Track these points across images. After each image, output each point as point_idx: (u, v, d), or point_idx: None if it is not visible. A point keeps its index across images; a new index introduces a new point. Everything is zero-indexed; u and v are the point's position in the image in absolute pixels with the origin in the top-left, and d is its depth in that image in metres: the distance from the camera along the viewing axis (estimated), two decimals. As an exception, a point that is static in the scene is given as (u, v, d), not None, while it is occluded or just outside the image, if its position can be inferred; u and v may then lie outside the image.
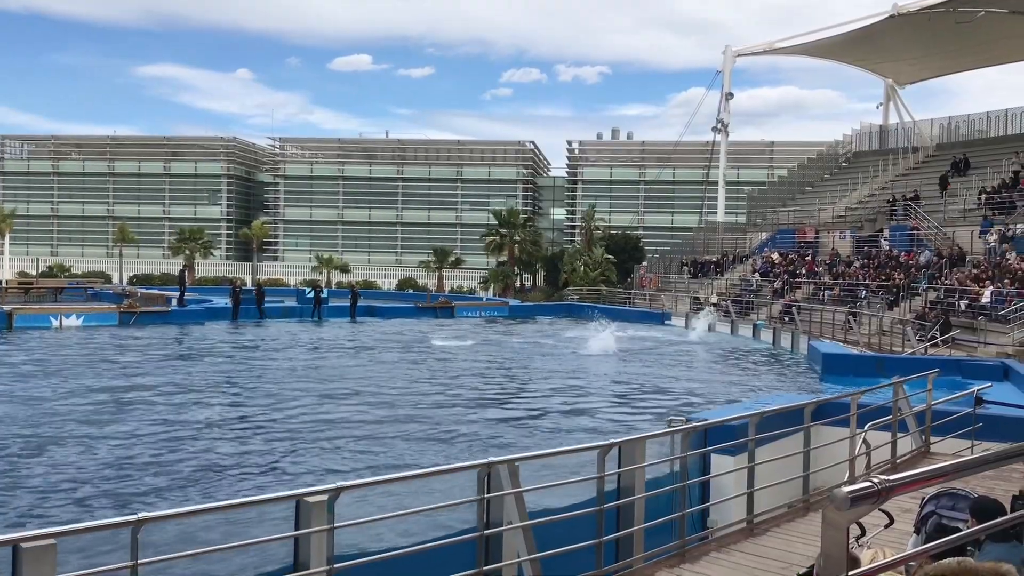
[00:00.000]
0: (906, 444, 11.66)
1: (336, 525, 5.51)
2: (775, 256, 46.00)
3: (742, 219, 58.84)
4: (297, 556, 5.71)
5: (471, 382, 22.64)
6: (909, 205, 40.81)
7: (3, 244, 63.91)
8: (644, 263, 58.98)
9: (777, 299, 40.32)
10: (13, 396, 18.53)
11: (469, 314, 47.88)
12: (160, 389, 19.90)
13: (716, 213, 59.62)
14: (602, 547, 6.99)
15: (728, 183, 60.91)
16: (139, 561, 4.66)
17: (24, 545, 4.54)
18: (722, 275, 48.48)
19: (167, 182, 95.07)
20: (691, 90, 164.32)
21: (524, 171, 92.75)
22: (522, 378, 23.93)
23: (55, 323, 34.50)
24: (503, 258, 69.27)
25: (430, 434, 15.53)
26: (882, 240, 40.83)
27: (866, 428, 10.28)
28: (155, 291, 48.37)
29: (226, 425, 15.92)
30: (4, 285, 51.03)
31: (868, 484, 2.12)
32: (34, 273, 64.72)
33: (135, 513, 4.72)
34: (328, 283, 65.29)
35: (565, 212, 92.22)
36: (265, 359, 26.66)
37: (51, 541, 4.62)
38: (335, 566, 5.49)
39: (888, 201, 43.50)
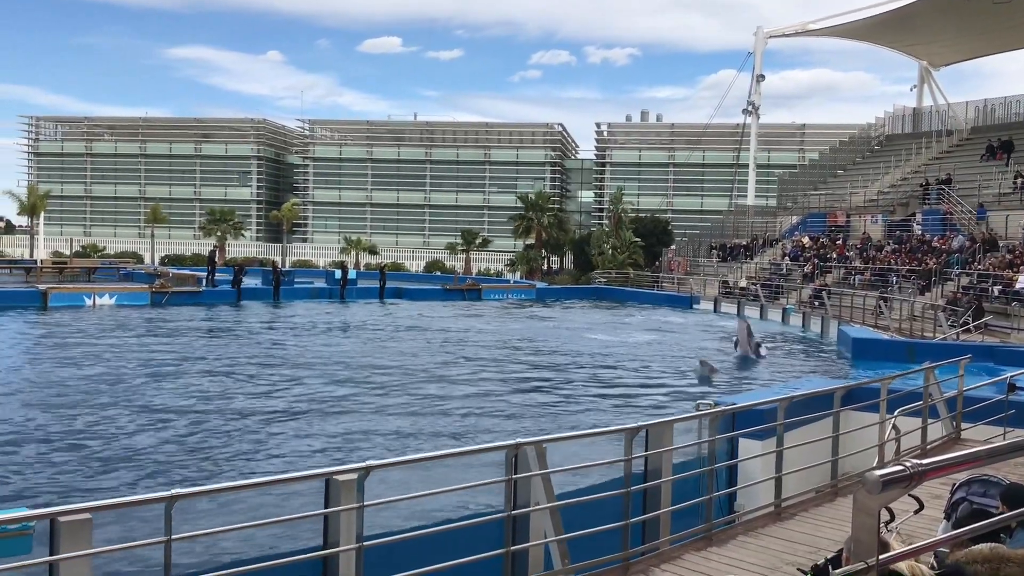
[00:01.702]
0: (936, 430, 11.55)
1: (366, 504, 5.57)
2: (805, 240, 45.59)
3: (772, 202, 58.33)
4: (327, 534, 5.77)
5: (499, 363, 22.69)
6: (942, 189, 40.25)
7: (38, 224, 64.72)
8: (673, 246, 58.66)
9: (807, 283, 39.99)
10: (49, 373, 18.85)
11: (496, 297, 47.96)
12: (190, 368, 20.14)
13: (746, 196, 59.12)
14: (628, 529, 7.00)
15: (758, 166, 60.36)
16: (172, 537, 4.74)
17: (62, 519, 4.64)
18: (751, 259, 48.14)
19: (198, 163, 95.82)
20: (721, 72, 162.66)
21: (552, 153, 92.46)
22: (550, 359, 23.94)
23: (88, 302, 34.96)
24: (531, 241, 69.18)
25: (459, 415, 15.61)
26: (914, 224, 40.33)
27: (896, 414, 10.19)
28: (186, 271, 48.82)
29: (257, 403, 16.09)
30: (39, 265, 51.73)
31: (900, 468, 2.11)
32: (68, 253, 65.54)
33: (168, 489, 4.80)
34: (357, 265, 65.56)
35: (593, 195, 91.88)
36: (295, 339, 26.88)
37: (87, 516, 4.71)
38: (364, 544, 5.55)
39: (921, 185, 42.93)
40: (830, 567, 5.81)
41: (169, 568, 4.75)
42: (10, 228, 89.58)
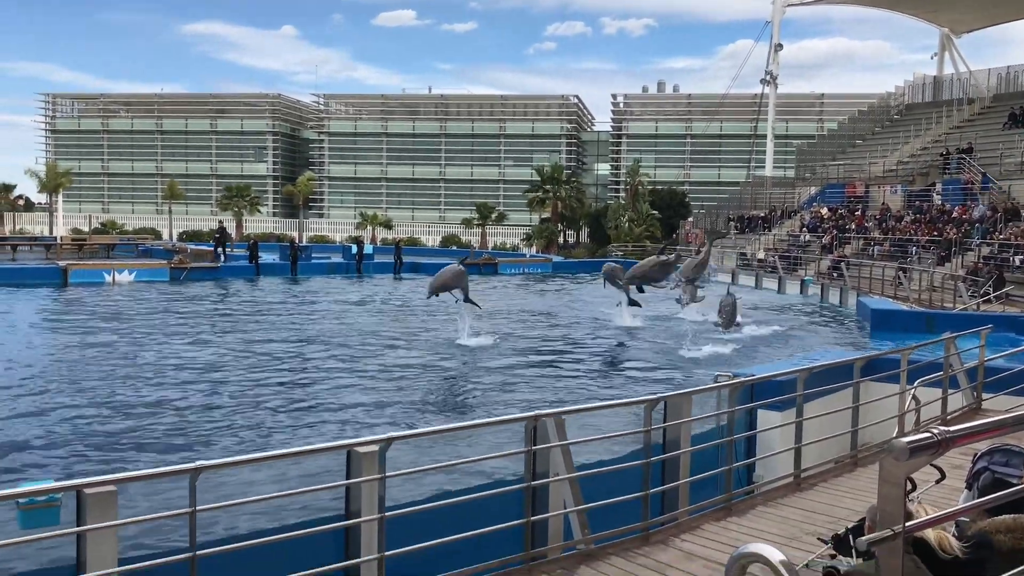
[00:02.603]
0: (957, 401, 11.51)
1: (388, 475, 5.61)
2: (824, 211, 45.27)
3: (790, 173, 57.90)
4: (348, 505, 5.83)
5: (516, 337, 22.72)
6: (963, 158, 39.79)
7: (57, 201, 65.16)
8: (690, 219, 58.41)
9: (825, 255, 39.74)
10: (72, 348, 19.03)
11: (513, 271, 47.96)
12: (211, 343, 20.28)
13: (764, 167, 58.70)
14: (648, 500, 7.03)
15: (776, 136, 59.84)
16: (197, 508, 4.80)
17: (87, 491, 4.70)
18: (769, 230, 47.86)
19: (214, 139, 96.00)
20: (739, 42, 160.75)
21: (568, 126, 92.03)
22: (567, 332, 23.94)
23: (108, 279, 35.21)
24: (546, 214, 69.02)
25: (477, 388, 15.68)
26: (934, 194, 39.94)
27: (916, 384, 10.15)
28: (204, 247, 49.03)
29: (279, 377, 16.20)
30: (59, 242, 52.14)
31: (928, 435, 2.10)
32: (87, 230, 65.97)
33: (192, 462, 4.85)
34: (373, 239, 65.65)
35: (610, 167, 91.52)
36: (314, 315, 27.01)
37: (112, 488, 4.77)
38: (386, 515, 5.60)
39: (941, 154, 42.45)
40: (851, 537, 5.83)
41: (194, 539, 4.81)
42: (29, 205, 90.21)
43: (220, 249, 42.47)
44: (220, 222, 49.46)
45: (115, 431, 11.94)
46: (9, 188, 72.15)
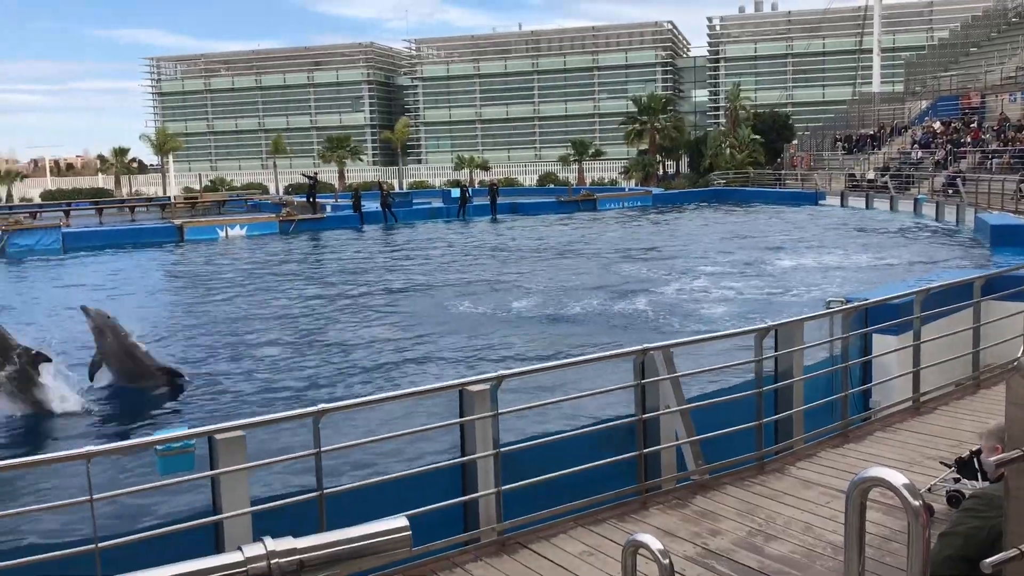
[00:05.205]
0: (1087, 318, 10.96)
1: (500, 412, 5.73)
2: (936, 125, 43.24)
3: (899, 88, 55.32)
4: (464, 443, 5.98)
5: (620, 272, 22.63)
6: (1091, 59, 37.27)
7: (168, 162, 67.59)
8: (794, 141, 56.63)
9: (940, 171, 38.04)
10: (196, 302, 19.91)
11: (612, 206, 47.49)
12: (328, 293, 20.89)
13: (871, 83, 56.24)
14: (762, 429, 6.98)
15: (883, 50, 57.11)
16: (322, 449, 5.01)
17: (218, 436, 4.97)
18: (879, 149, 46.03)
19: (312, 92, 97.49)
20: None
21: (663, 54, 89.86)
22: (675, 264, 23.71)
23: (221, 234, 36.49)
24: (644, 146, 67.82)
25: (583, 324, 15.75)
26: (1059, 100, 37.64)
27: (1042, 302, 9.72)
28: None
29: (391, 322, 16.61)
30: (173, 201, 54.22)
31: (1058, 351, 2.02)
32: (198, 188, 68.29)
33: (315, 405, 5.05)
34: (471, 182, 65.88)
35: (708, 93, 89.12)
36: (422, 260, 27.47)
37: (240, 433, 5.02)
38: (501, 449, 5.73)
39: (1066, 56, 39.84)
40: (975, 460, 5.69)
41: (321, 478, 5.04)
42: (143, 167, 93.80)
43: (311, 199, 42.45)
44: (312, 175, 48.50)
45: (242, 379, 12.49)
46: (124, 151, 75.00)
